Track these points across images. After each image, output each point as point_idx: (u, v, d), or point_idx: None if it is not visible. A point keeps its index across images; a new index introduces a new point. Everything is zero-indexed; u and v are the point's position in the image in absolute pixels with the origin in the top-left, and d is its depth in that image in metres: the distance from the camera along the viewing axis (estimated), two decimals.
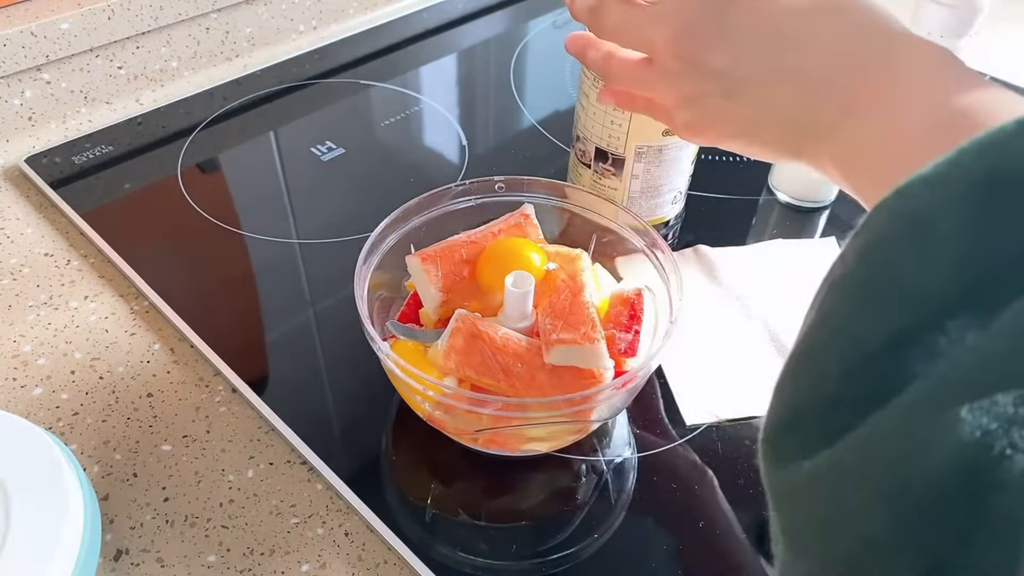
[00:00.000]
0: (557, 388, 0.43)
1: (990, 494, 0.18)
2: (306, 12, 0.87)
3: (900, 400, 0.20)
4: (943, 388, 0.20)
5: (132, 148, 0.71)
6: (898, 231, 0.22)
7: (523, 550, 0.43)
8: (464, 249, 0.48)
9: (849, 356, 0.22)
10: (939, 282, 0.21)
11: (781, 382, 0.24)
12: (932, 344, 0.21)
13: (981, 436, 0.18)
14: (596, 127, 0.56)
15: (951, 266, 0.21)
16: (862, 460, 0.21)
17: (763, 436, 0.24)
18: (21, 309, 0.56)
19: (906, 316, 0.21)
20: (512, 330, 0.45)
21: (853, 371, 0.22)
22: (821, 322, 0.23)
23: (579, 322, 0.43)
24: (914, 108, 0.29)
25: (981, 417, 0.19)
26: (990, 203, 0.21)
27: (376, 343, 0.42)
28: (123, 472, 0.46)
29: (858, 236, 0.23)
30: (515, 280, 0.45)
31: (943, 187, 0.21)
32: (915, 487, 0.19)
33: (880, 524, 0.20)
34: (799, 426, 0.23)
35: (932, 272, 0.21)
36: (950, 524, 0.19)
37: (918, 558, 0.19)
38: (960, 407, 0.19)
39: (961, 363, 0.20)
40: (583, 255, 0.48)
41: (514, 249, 0.48)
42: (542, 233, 0.51)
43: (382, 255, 0.49)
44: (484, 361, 0.43)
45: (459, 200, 0.52)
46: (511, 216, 0.51)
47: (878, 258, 0.22)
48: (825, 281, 0.24)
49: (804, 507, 0.22)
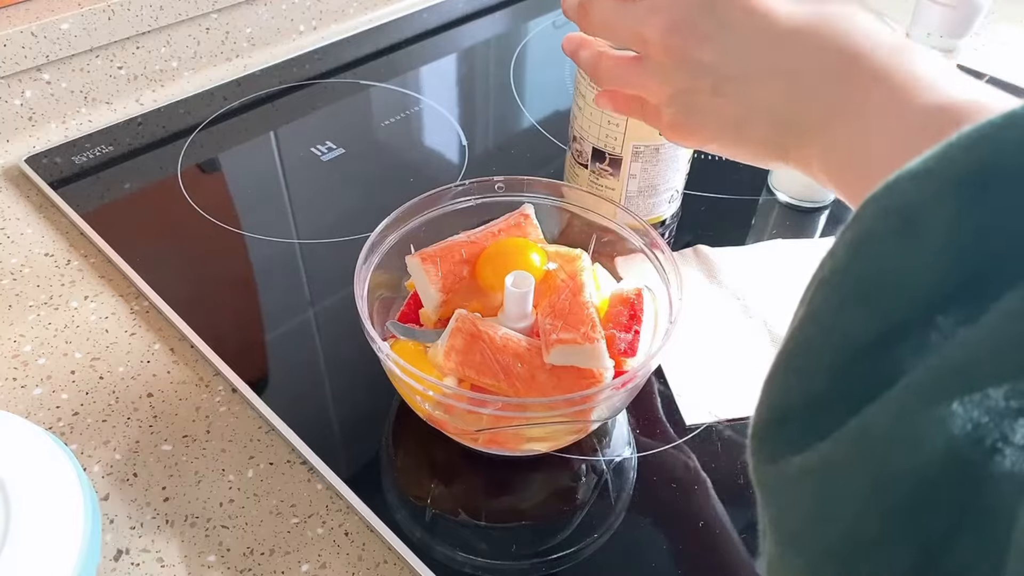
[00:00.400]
0: (557, 388, 0.43)
1: (981, 488, 0.18)
2: (306, 12, 0.87)
3: (890, 395, 0.20)
4: (934, 382, 0.20)
5: (132, 148, 0.71)
6: (887, 226, 0.21)
7: (523, 550, 0.43)
8: (464, 249, 0.48)
9: (839, 351, 0.22)
10: (929, 277, 0.21)
11: (771, 377, 0.24)
12: (923, 338, 0.21)
13: (972, 429, 0.18)
14: (593, 127, 0.56)
15: (941, 260, 0.21)
16: (852, 454, 0.21)
17: (752, 431, 0.24)
18: (21, 309, 0.56)
19: (896, 311, 0.21)
20: (512, 330, 0.45)
21: (843, 366, 0.22)
22: (810, 317, 0.23)
23: (579, 322, 0.43)
24: (902, 109, 0.29)
25: (972, 411, 0.19)
26: (979, 196, 0.21)
27: (376, 343, 0.42)
28: (123, 472, 0.46)
29: (846, 231, 0.23)
30: (515, 280, 0.45)
31: (931, 181, 0.21)
32: (905, 481, 0.19)
33: (869, 518, 0.20)
34: (788, 421, 0.23)
35: (922, 267, 0.21)
36: (940, 518, 0.19)
37: (908, 552, 0.19)
38: (951, 401, 0.19)
39: (952, 357, 0.20)
40: (583, 255, 0.48)
41: (514, 249, 0.48)
42: (542, 233, 0.51)
43: (382, 255, 0.49)
44: (484, 361, 0.43)
45: (459, 200, 0.52)
46: (511, 216, 0.51)
47: (867, 253, 0.22)
48: (814, 277, 0.24)
49: (793, 501, 0.22)
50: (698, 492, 0.46)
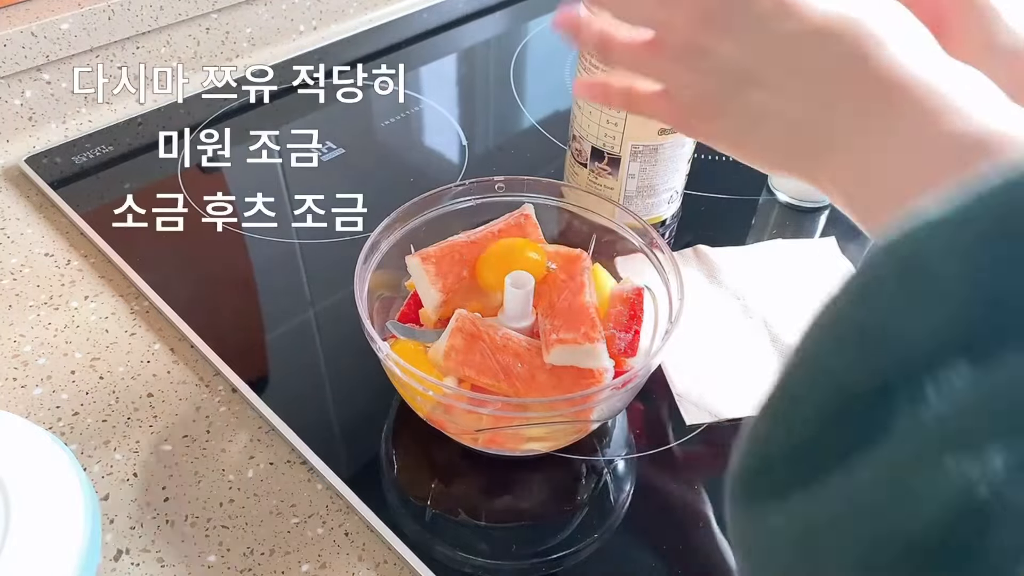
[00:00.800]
0: (557, 388, 0.43)
1: (976, 551, 0.18)
2: (306, 12, 0.87)
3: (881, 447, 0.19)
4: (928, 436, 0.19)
5: (132, 148, 0.71)
6: (897, 276, 0.21)
7: (523, 550, 0.43)
8: (464, 249, 0.48)
9: (831, 399, 0.21)
10: (934, 329, 0.20)
11: (757, 421, 0.23)
12: (919, 391, 0.20)
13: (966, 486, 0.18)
14: (592, 126, 0.56)
15: (948, 313, 0.20)
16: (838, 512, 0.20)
17: (732, 473, 0.23)
18: (21, 309, 0.56)
19: (895, 362, 0.20)
20: (512, 330, 0.45)
21: (834, 414, 0.21)
22: (804, 362, 0.22)
23: (579, 322, 0.43)
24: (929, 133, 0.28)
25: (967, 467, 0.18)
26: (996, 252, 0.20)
27: (376, 343, 0.42)
28: (123, 472, 0.46)
29: (854, 278, 0.22)
30: (515, 280, 0.45)
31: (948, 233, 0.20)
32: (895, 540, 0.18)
33: None
34: (772, 468, 0.22)
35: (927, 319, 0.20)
36: None
37: None
38: (945, 456, 0.18)
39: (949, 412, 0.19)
40: (583, 255, 0.48)
41: (514, 249, 0.48)
42: (542, 233, 0.51)
43: (382, 255, 0.49)
44: (484, 361, 0.43)
45: (459, 200, 0.52)
46: (511, 216, 0.51)
47: (873, 302, 0.21)
48: (811, 323, 0.22)
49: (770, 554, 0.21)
50: (698, 492, 0.46)
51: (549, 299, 0.45)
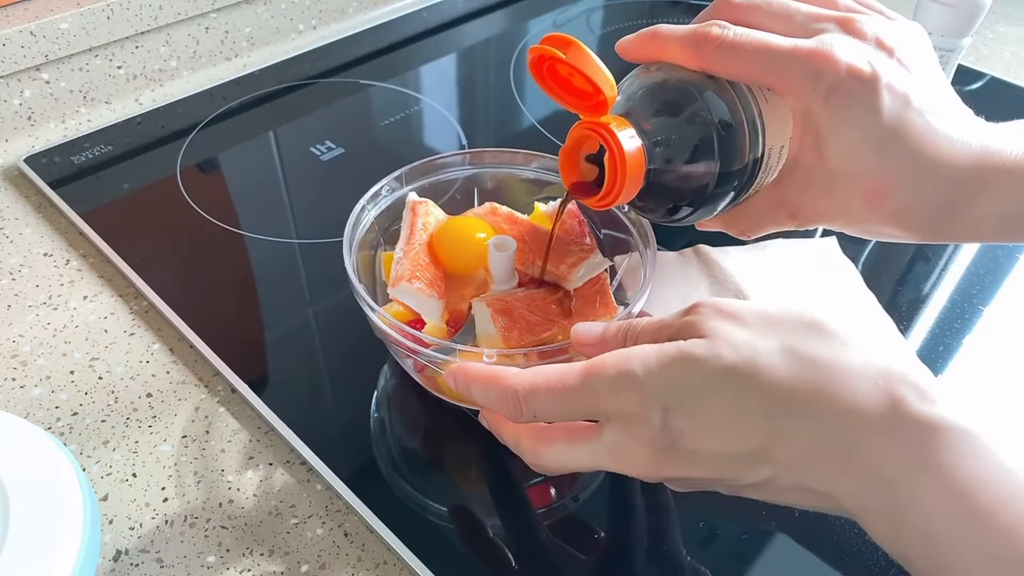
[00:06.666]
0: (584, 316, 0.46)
1: None
2: (306, 12, 0.87)
3: None
4: None
5: (132, 148, 0.71)
6: None
7: (523, 549, 0.43)
8: (426, 253, 0.48)
9: None
10: None
11: None
12: None
13: None
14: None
15: None
16: None
17: None
18: (20, 309, 0.56)
19: None
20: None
21: None
22: None
23: (569, 248, 0.47)
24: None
25: None
26: None
27: (366, 300, 0.43)
28: (123, 472, 0.46)
29: None
30: (498, 244, 0.46)
31: None
32: None
33: None
34: None
35: None
36: None
37: None
38: None
39: None
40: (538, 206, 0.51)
41: (458, 226, 0.49)
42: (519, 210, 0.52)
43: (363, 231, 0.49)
44: (530, 322, 0.44)
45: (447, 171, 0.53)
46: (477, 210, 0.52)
47: None
48: None
49: None
50: (697, 492, 0.46)
51: (529, 254, 0.48)
